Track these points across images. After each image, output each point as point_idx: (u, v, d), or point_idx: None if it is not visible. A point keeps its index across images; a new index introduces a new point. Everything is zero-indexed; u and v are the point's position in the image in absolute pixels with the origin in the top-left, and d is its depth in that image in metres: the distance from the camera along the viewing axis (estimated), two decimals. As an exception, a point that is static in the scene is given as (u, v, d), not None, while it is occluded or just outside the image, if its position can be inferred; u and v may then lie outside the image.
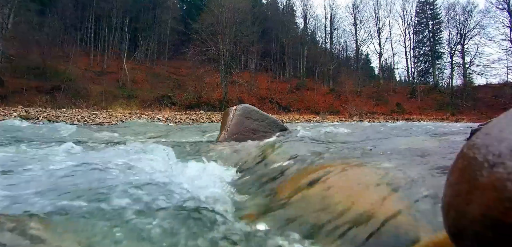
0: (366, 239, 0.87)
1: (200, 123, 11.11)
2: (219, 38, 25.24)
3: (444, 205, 0.52)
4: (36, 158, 1.94)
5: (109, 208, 1.03)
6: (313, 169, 1.50)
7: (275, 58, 35.63)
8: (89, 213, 0.99)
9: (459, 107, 27.87)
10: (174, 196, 1.24)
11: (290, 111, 24.38)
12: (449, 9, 32.11)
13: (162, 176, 1.50)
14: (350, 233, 0.92)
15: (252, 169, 2.01)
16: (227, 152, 2.56)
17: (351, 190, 1.12)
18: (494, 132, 0.48)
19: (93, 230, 0.89)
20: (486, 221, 0.42)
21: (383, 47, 36.24)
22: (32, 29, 21.09)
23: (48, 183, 1.29)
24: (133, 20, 30.46)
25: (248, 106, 3.56)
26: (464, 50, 31.01)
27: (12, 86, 18.48)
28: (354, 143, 2.46)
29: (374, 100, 29.52)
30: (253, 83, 28.78)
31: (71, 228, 0.89)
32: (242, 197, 1.48)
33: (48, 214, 0.95)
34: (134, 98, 22.49)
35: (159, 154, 2.01)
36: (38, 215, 0.91)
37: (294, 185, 1.37)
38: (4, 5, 20.24)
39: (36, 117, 9.11)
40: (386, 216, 0.91)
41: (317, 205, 1.12)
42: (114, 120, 10.05)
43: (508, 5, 28.00)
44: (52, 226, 0.87)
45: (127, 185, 1.26)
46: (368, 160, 1.49)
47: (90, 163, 1.57)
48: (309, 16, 37.96)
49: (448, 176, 0.53)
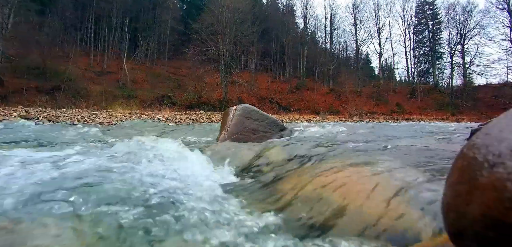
0: (366, 239, 0.87)
1: (200, 123, 11.11)
2: (219, 38, 25.23)
3: (444, 206, 0.51)
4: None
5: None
6: (313, 168, 1.50)
7: (275, 58, 35.61)
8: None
9: (459, 107, 27.86)
10: (173, 195, 1.24)
11: (290, 111, 24.37)
12: (449, 9, 32.12)
13: (160, 174, 1.50)
14: (350, 232, 0.91)
15: (252, 169, 2.00)
16: (227, 152, 2.56)
17: (351, 190, 1.12)
18: (494, 132, 0.48)
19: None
20: (486, 221, 0.41)
21: (383, 47, 36.24)
22: (32, 29, 21.08)
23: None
24: (133, 20, 30.44)
25: (248, 106, 3.56)
26: (464, 50, 31.00)
27: (12, 86, 18.47)
28: (354, 143, 2.46)
29: (374, 100, 29.52)
30: (253, 83, 28.77)
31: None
32: (242, 197, 1.48)
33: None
34: (134, 98, 22.48)
35: (161, 152, 2.00)
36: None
37: (294, 185, 1.37)
38: (4, 5, 20.23)
39: (36, 117, 9.10)
40: (386, 216, 0.91)
41: (317, 204, 1.12)
42: (114, 120, 10.04)
43: (508, 5, 27.99)
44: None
45: (127, 184, 1.27)
46: (368, 160, 1.48)
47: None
48: (309, 16, 37.97)
49: (448, 176, 0.53)
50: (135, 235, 0.91)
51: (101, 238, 0.88)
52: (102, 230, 0.91)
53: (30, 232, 0.87)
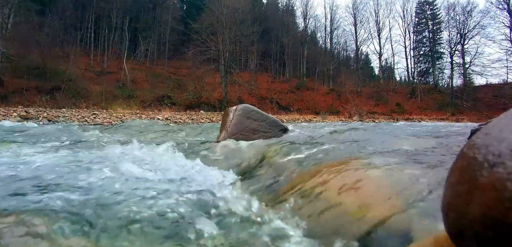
0: (367, 238, 0.87)
1: (200, 123, 11.10)
2: (219, 38, 25.22)
3: (444, 205, 0.51)
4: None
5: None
6: (313, 168, 1.50)
7: (275, 58, 35.58)
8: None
9: (459, 107, 27.85)
10: (172, 196, 1.24)
11: (290, 111, 24.36)
12: (449, 9, 32.09)
13: (160, 174, 1.50)
14: (351, 232, 0.91)
15: (252, 169, 2.00)
16: (227, 151, 2.56)
17: (351, 190, 1.12)
18: (494, 132, 0.48)
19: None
20: (486, 221, 0.41)
21: (383, 47, 36.23)
22: (32, 29, 21.06)
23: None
24: (133, 20, 30.44)
25: (248, 106, 3.56)
26: (464, 50, 30.98)
27: (12, 86, 18.47)
28: (354, 143, 2.46)
29: (374, 100, 29.50)
30: (253, 83, 28.75)
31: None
32: (241, 197, 1.48)
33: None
34: (134, 98, 22.47)
35: (163, 152, 2.00)
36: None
37: (294, 185, 1.37)
38: (4, 5, 20.22)
39: (36, 117, 9.10)
40: (387, 216, 0.91)
41: (317, 203, 1.12)
42: (114, 120, 10.04)
43: (508, 5, 27.97)
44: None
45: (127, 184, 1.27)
46: (368, 159, 1.48)
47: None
48: (309, 16, 37.92)
49: (448, 176, 0.53)
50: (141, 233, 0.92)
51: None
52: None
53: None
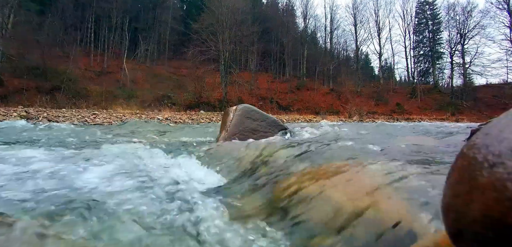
0: (367, 239, 0.86)
1: (200, 123, 11.11)
2: (219, 38, 25.23)
3: (444, 206, 0.51)
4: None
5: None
6: (313, 168, 1.50)
7: (275, 58, 35.59)
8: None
9: (459, 107, 27.87)
10: (172, 195, 1.24)
11: (290, 111, 24.36)
12: (449, 9, 32.16)
13: (160, 173, 1.50)
14: (351, 233, 0.91)
15: (252, 169, 2.00)
16: (226, 151, 2.55)
17: (351, 190, 1.12)
18: (494, 132, 0.48)
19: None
20: (486, 221, 0.41)
21: (383, 47, 36.21)
22: (32, 29, 21.07)
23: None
24: (133, 20, 30.43)
25: (248, 106, 3.56)
26: (464, 50, 31.01)
27: (12, 86, 18.47)
28: (355, 143, 2.46)
29: (374, 100, 29.52)
30: (253, 83, 28.76)
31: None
32: (241, 197, 1.48)
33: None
34: (134, 98, 22.47)
35: (159, 153, 2.00)
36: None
37: (294, 185, 1.37)
38: (4, 5, 20.22)
39: (36, 117, 9.10)
40: (387, 215, 0.91)
41: (318, 203, 1.12)
42: (114, 120, 10.04)
43: (508, 5, 27.99)
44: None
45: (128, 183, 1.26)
46: (369, 159, 1.48)
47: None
48: (309, 16, 37.97)
49: (448, 176, 0.53)
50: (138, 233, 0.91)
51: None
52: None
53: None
